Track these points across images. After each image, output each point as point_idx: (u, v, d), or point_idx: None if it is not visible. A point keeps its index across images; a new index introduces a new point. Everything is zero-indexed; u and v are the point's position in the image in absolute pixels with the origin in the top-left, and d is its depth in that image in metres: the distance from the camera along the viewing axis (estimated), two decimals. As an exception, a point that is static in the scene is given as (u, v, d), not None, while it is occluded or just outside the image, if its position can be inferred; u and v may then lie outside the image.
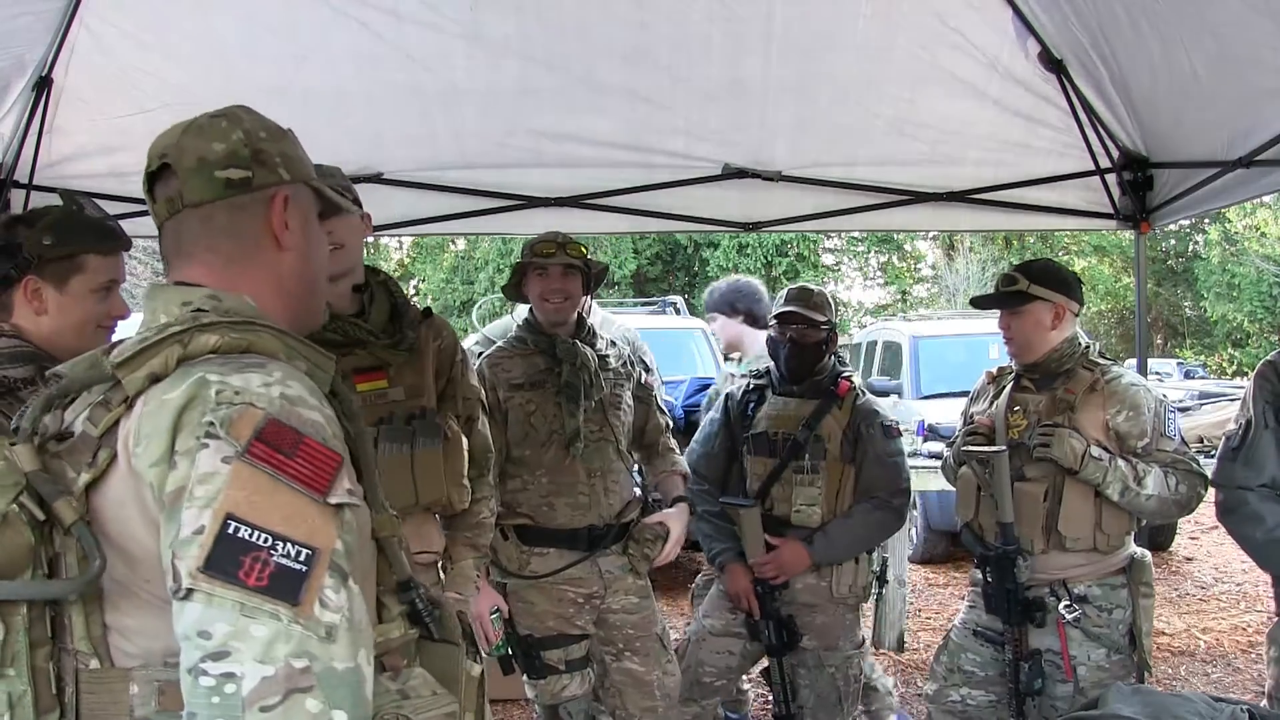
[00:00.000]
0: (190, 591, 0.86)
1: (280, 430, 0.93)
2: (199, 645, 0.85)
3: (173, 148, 1.11)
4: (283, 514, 0.90)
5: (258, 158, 1.12)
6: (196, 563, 0.86)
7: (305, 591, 0.87)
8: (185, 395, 0.94)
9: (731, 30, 3.23)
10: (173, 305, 1.07)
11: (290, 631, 0.86)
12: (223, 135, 1.11)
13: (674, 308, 8.38)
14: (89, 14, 2.99)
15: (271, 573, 0.87)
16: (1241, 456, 2.41)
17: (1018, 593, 2.63)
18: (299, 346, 1.07)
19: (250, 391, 0.94)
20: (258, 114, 1.17)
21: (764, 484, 2.91)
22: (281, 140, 1.16)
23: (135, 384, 0.97)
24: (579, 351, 2.72)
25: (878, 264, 26.23)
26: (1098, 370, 2.65)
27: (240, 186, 1.10)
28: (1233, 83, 2.77)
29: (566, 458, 2.69)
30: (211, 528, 0.87)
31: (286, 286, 1.15)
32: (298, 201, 1.15)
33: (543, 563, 2.71)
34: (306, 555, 0.89)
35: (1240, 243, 20.73)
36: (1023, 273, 2.70)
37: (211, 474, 0.90)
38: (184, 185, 1.10)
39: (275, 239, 1.13)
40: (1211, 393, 9.23)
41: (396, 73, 3.31)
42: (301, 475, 0.92)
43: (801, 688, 2.92)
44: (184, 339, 0.99)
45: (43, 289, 1.81)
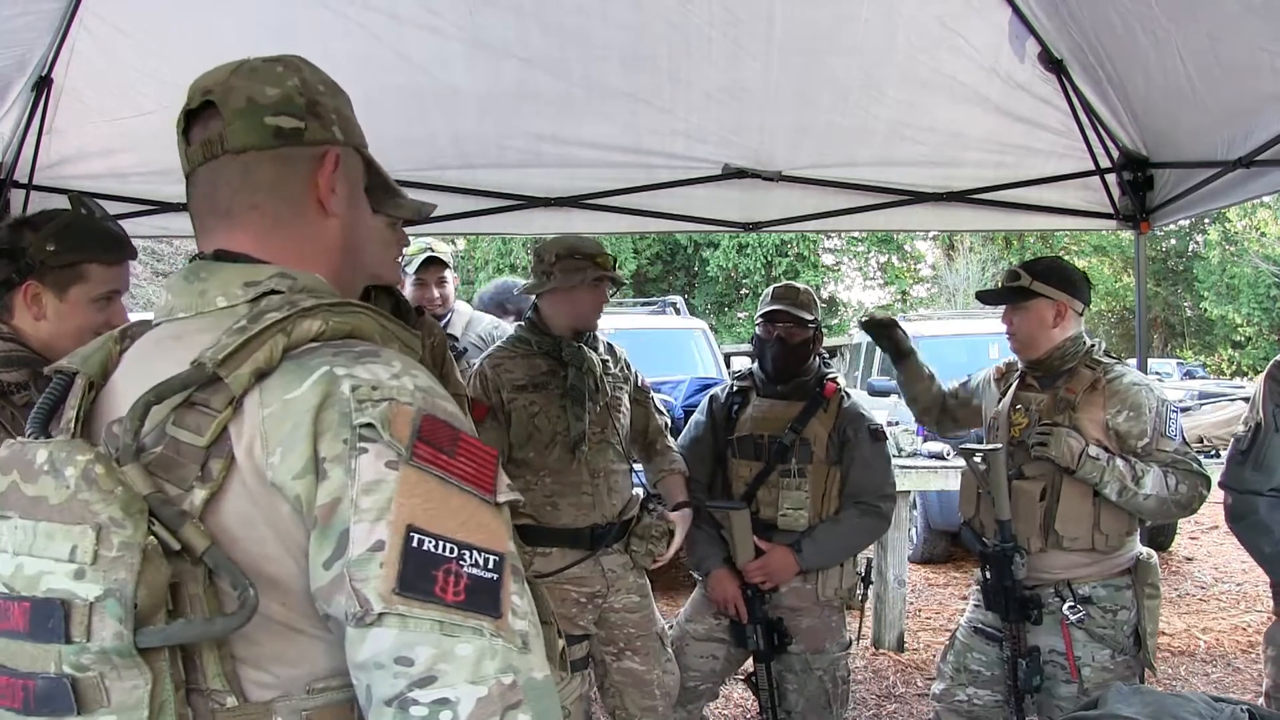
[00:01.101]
0: (382, 615, 0.78)
1: (437, 427, 0.85)
2: (400, 673, 0.78)
3: (219, 85, 0.99)
4: (459, 520, 0.83)
5: (313, 109, 1.00)
6: (389, 584, 0.78)
7: (502, 602, 0.82)
8: (318, 393, 0.84)
9: (731, 33, 3.23)
10: (232, 286, 0.95)
11: (494, 646, 0.79)
12: (277, 80, 1.00)
13: (674, 308, 8.38)
14: (89, 14, 2.99)
15: (467, 585, 0.80)
16: (1251, 460, 2.39)
17: (1015, 590, 2.63)
18: (390, 326, 0.96)
19: (385, 385, 0.85)
20: (316, 67, 1.06)
21: (750, 487, 2.89)
22: (339, 97, 1.05)
23: (242, 382, 0.84)
24: (585, 356, 2.73)
25: (878, 264, 26.24)
26: (1100, 369, 2.65)
27: (291, 137, 0.99)
28: (1228, 87, 2.77)
29: (571, 459, 2.69)
30: (394, 542, 0.79)
31: (333, 255, 1.03)
32: (348, 167, 1.04)
33: (545, 562, 2.71)
34: (495, 562, 0.83)
35: (1240, 243, 20.74)
36: (1027, 270, 2.70)
37: (378, 482, 0.81)
38: (228, 127, 0.97)
39: (320, 203, 1.01)
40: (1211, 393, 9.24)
41: (396, 75, 3.31)
42: (468, 475, 0.85)
43: (789, 691, 2.91)
44: (286, 327, 0.87)
45: (42, 295, 1.80)
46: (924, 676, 4.56)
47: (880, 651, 4.90)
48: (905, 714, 4.21)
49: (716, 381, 5.99)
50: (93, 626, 0.80)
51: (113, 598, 0.80)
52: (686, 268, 24.13)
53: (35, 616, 0.82)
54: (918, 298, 25.61)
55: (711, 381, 5.93)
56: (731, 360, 8.12)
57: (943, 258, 24.86)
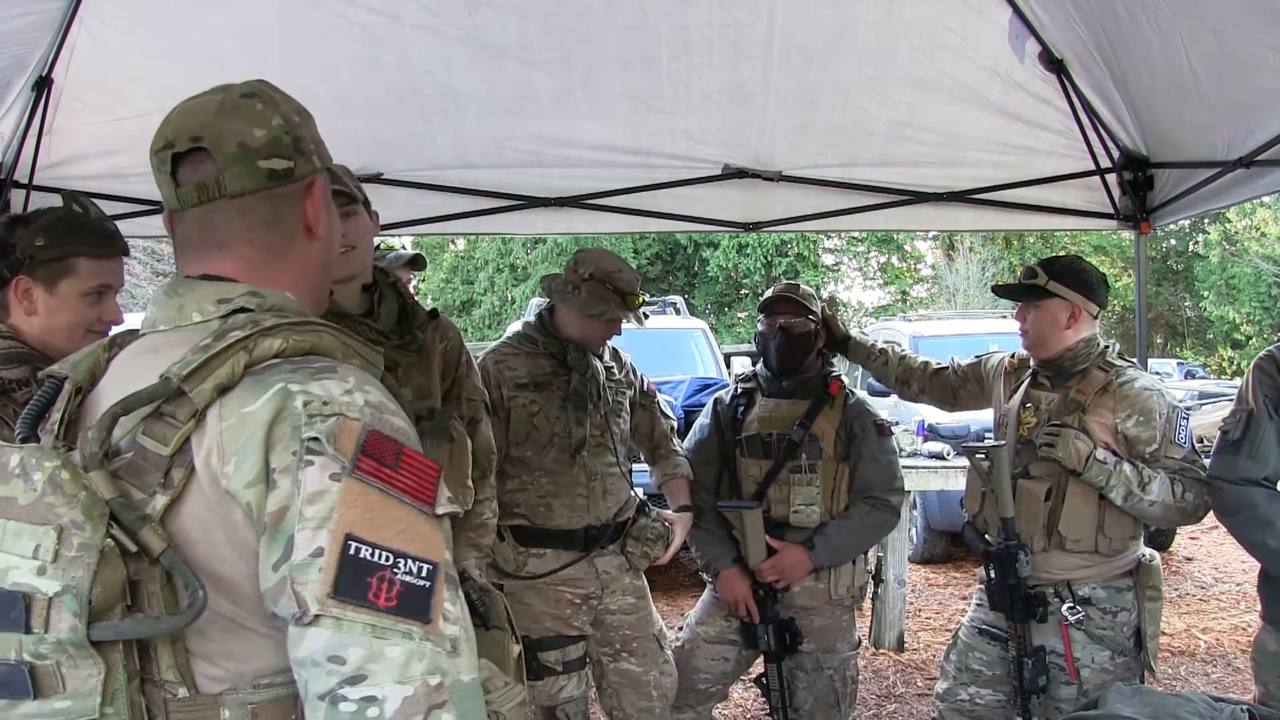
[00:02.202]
0: (318, 617, 0.84)
1: (381, 442, 0.91)
2: (332, 671, 0.83)
3: (208, 129, 1.02)
4: (397, 529, 0.88)
5: (298, 146, 1.06)
6: (324, 587, 0.84)
7: (433, 608, 0.87)
8: (270, 408, 0.90)
9: (732, 34, 3.24)
10: (206, 303, 1.01)
11: (422, 649, 0.85)
12: (262, 119, 1.04)
13: (674, 308, 8.38)
14: (89, 15, 2.99)
15: (399, 591, 0.86)
16: (1245, 449, 2.36)
17: (1020, 589, 2.61)
18: (352, 343, 1.02)
19: (336, 401, 0.91)
20: (279, 90, 1.10)
21: (761, 486, 2.89)
22: (310, 123, 1.11)
23: (204, 396, 0.91)
24: (590, 363, 2.74)
25: (878, 264, 26.21)
26: (1112, 372, 2.62)
27: (283, 178, 1.04)
28: (1233, 83, 2.77)
29: (570, 464, 2.70)
30: (332, 549, 0.85)
31: (314, 277, 1.11)
32: (323, 188, 1.10)
33: (540, 563, 2.71)
34: (428, 570, 0.88)
35: (1240, 243, 20.74)
36: (1044, 268, 2.67)
37: (321, 492, 0.87)
38: (223, 173, 1.02)
39: (309, 228, 1.08)
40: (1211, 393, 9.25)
41: (396, 77, 3.32)
42: (408, 488, 0.90)
43: (799, 690, 2.91)
44: (249, 345, 0.94)
45: (33, 289, 1.80)
46: (924, 676, 4.56)
47: (880, 651, 4.90)
48: (905, 714, 4.21)
49: (716, 381, 6.00)
50: (50, 619, 0.87)
51: (70, 594, 0.86)
52: (686, 268, 24.13)
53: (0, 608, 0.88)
54: (918, 298, 25.58)
55: (711, 381, 5.93)
56: (732, 360, 8.12)
57: (943, 258, 24.84)
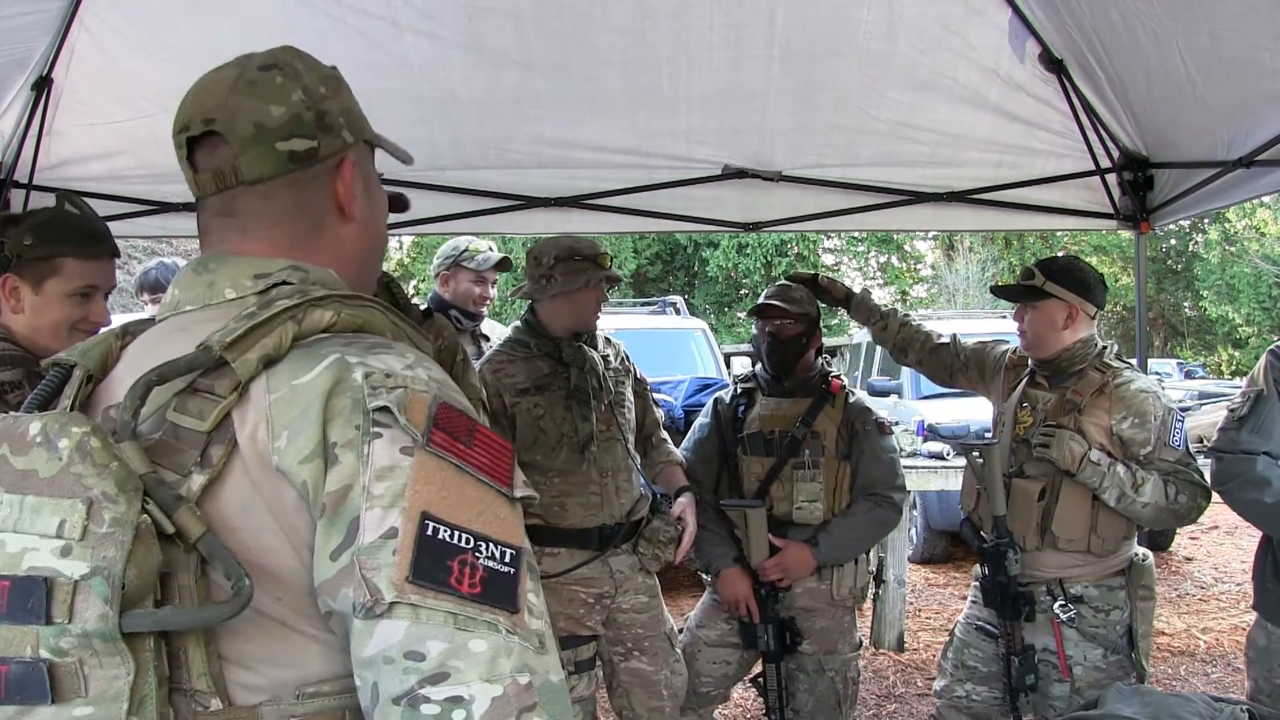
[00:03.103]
0: (393, 605, 0.74)
1: (453, 416, 0.82)
2: (410, 669, 0.73)
3: (221, 110, 0.93)
4: (475, 510, 0.79)
5: (322, 122, 0.96)
6: (402, 571, 0.74)
7: (520, 597, 0.78)
8: (328, 379, 0.81)
9: (731, 35, 3.23)
10: (242, 278, 0.92)
11: (509, 644, 0.75)
12: (280, 95, 0.94)
13: (674, 308, 8.39)
14: (89, 15, 3.00)
15: (484, 577, 0.77)
16: (1249, 424, 2.39)
17: (1010, 586, 2.62)
18: (403, 325, 0.93)
19: (399, 374, 0.82)
20: (307, 57, 1.00)
21: (763, 483, 2.89)
22: (340, 92, 1.00)
23: (249, 368, 0.81)
24: (586, 355, 2.72)
25: (878, 264, 26.22)
26: (1109, 373, 2.63)
27: (306, 159, 0.95)
28: (1230, 86, 2.77)
29: (579, 460, 2.68)
30: (408, 529, 0.75)
31: (354, 259, 1.01)
32: (361, 164, 1.01)
33: (554, 563, 2.70)
34: (512, 556, 0.79)
35: (1240, 243, 20.74)
36: (1041, 269, 2.68)
37: (391, 468, 0.78)
38: (239, 158, 0.93)
39: (341, 210, 0.99)
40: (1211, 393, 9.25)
41: (395, 81, 3.31)
42: (485, 466, 0.82)
43: (800, 691, 2.90)
44: (297, 315, 0.84)
45: (20, 288, 1.80)
46: (924, 676, 4.56)
47: (880, 651, 4.90)
48: (905, 714, 4.21)
49: (716, 381, 5.99)
50: (75, 606, 0.76)
51: (100, 576, 0.75)
52: (686, 268, 24.13)
53: (14, 596, 0.77)
54: (918, 298, 25.60)
55: (711, 381, 5.93)
56: (732, 360, 8.12)
57: (942, 258, 24.86)
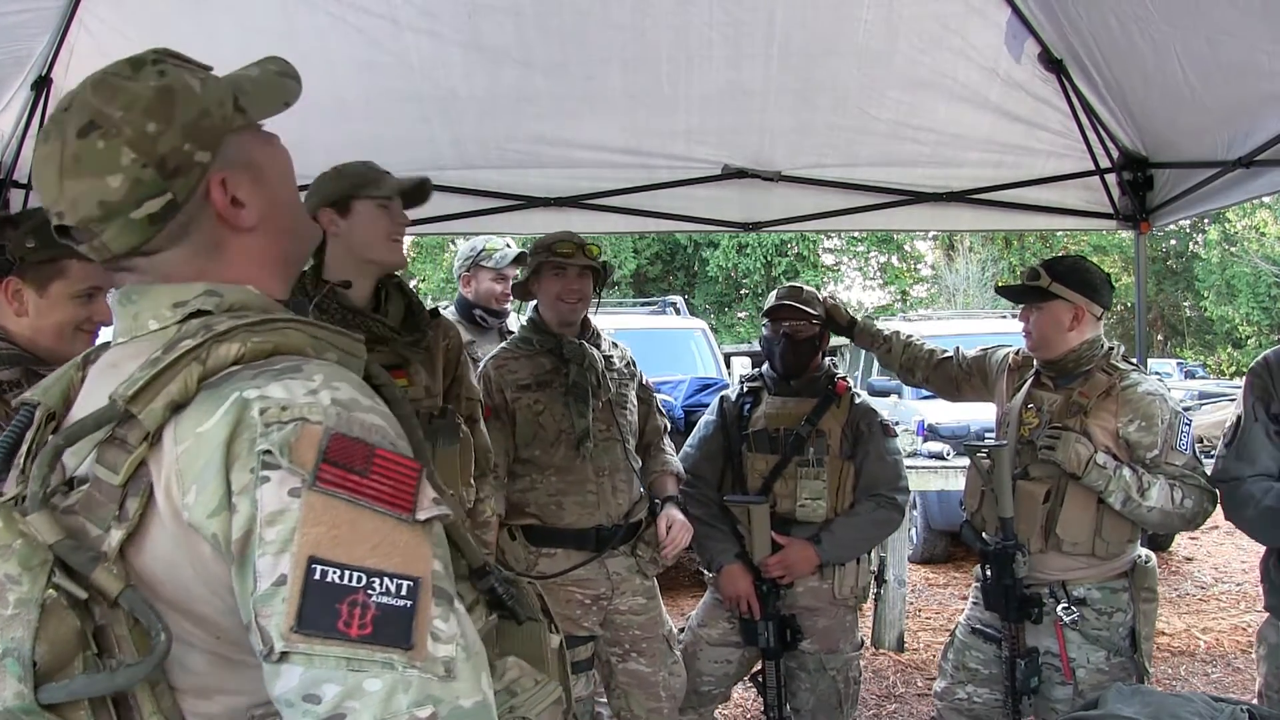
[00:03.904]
0: (286, 654, 0.75)
1: (347, 445, 0.80)
2: (308, 711, 0.75)
3: (61, 201, 0.90)
4: (371, 544, 0.78)
5: (164, 167, 0.89)
6: (288, 621, 0.74)
7: (416, 630, 0.77)
8: (228, 423, 0.80)
9: (731, 35, 3.23)
10: (162, 307, 0.92)
11: (407, 678, 0.75)
12: (110, 163, 0.88)
13: (674, 308, 8.38)
14: (88, 15, 2.99)
15: (375, 616, 0.76)
16: (1233, 450, 2.39)
17: (1015, 589, 2.61)
18: (326, 335, 0.92)
19: (297, 404, 0.81)
20: (124, 85, 0.90)
21: (767, 480, 2.89)
22: (174, 112, 0.90)
23: (155, 417, 0.81)
24: (586, 352, 2.73)
25: (878, 264, 26.22)
26: (1116, 375, 2.61)
27: (167, 214, 0.91)
28: (1228, 89, 2.77)
29: (576, 457, 2.69)
30: (295, 576, 0.75)
31: (271, 255, 0.99)
32: (232, 166, 0.95)
33: (550, 563, 2.71)
34: (409, 588, 0.78)
35: (1240, 243, 20.74)
36: (1047, 269, 2.66)
37: (280, 512, 0.77)
38: (102, 241, 0.91)
39: (234, 228, 0.96)
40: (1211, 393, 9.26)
41: (395, 80, 3.31)
42: (383, 495, 0.80)
43: (801, 690, 2.90)
44: (200, 355, 0.84)
45: (23, 291, 1.80)
46: (924, 676, 4.56)
47: (880, 651, 4.89)
48: (905, 714, 4.21)
49: (716, 381, 5.99)
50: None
51: (11, 656, 0.78)
52: (686, 268, 24.12)
53: None
54: (918, 298, 25.59)
55: (711, 381, 5.93)
56: (731, 360, 8.12)
57: (942, 258, 24.85)
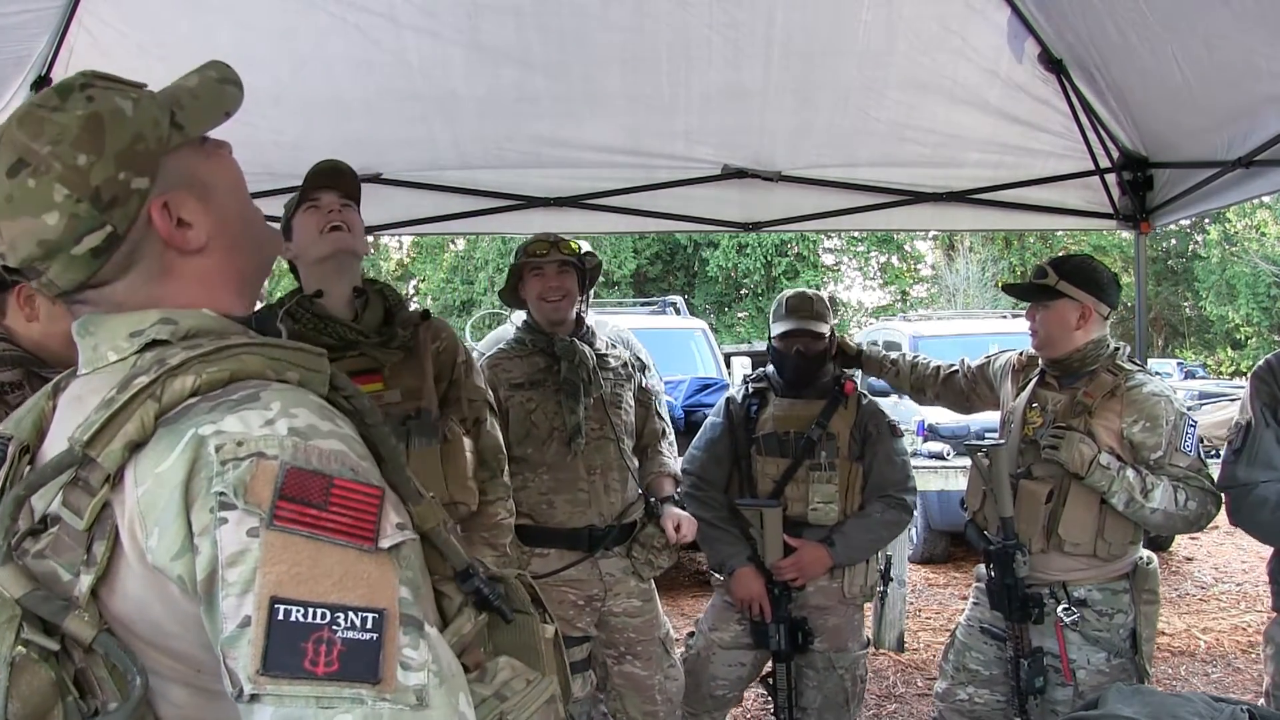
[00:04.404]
0: (255, 696, 0.74)
1: (303, 479, 0.80)
2: None
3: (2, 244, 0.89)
4: (333, 579, 0.77)
5: (100, 202, 0.88)
6: (254, 664, 0.74)
7: (384, 663, 0.76)
8: (184, 463, 0.79)
9: (732, 36, 3.23)
10: (118, 338, 0.91)
11: (378, 711, 0.74)
12: (43, 201, 0.87)
13: (674, 308, 8.38)
14: (88, 15, 2.99)
15: (341, 652, 0.75)
16: (1244, 457, 2.37)
17: (1017, 588, 2.61)
18: (285, 354, 0.91)
19: (253, 437, 0.80)
20: (50, 116, 0.88)
21: (778, 484, 2.87)
22: (105, 140, 0.88)
23: (114, 459, 0.81)
24: (577, 349, 2.74)
25: (878, 264, 26.23)
26: (1121, 375, 2.61)
27: (109, 246, 0.89)
28: (1227, 90, 2.78)
29: (568, 454, 2.70)
30: (258, 618, 0.75)
31: (224, 273, 0.98)
32: (174, 186, 0.93)
33: (542, 563, 2.71)
34: (374, 620, 0.77)
35: (1240, 243, 20.74)
36: (1055, 267, 2.65)
37: (240, 553, 0.76)
38: (48, 278, 0.90)
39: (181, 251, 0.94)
40: (1211, 393, 9.25)
41: (395, 79, 3.31)
42: (342, 527, 0.79)
43: (808, 689, 2.89)
44: (155, 391, 0.83)
45: (35, 297, 1.81)
46: (924, 676, 4.56)
47: (880, 651, 4.89)
48: (905, 714, 4.21)
49: (716, 381, 5.99)
50: None
51: None
52: (686, 268, 24.12)
53: None
54: (918, 298, 25.60)
55: (712, 381, 5.93)
56: (731, 360, 8.12)
57: (943, 258, 24.85)
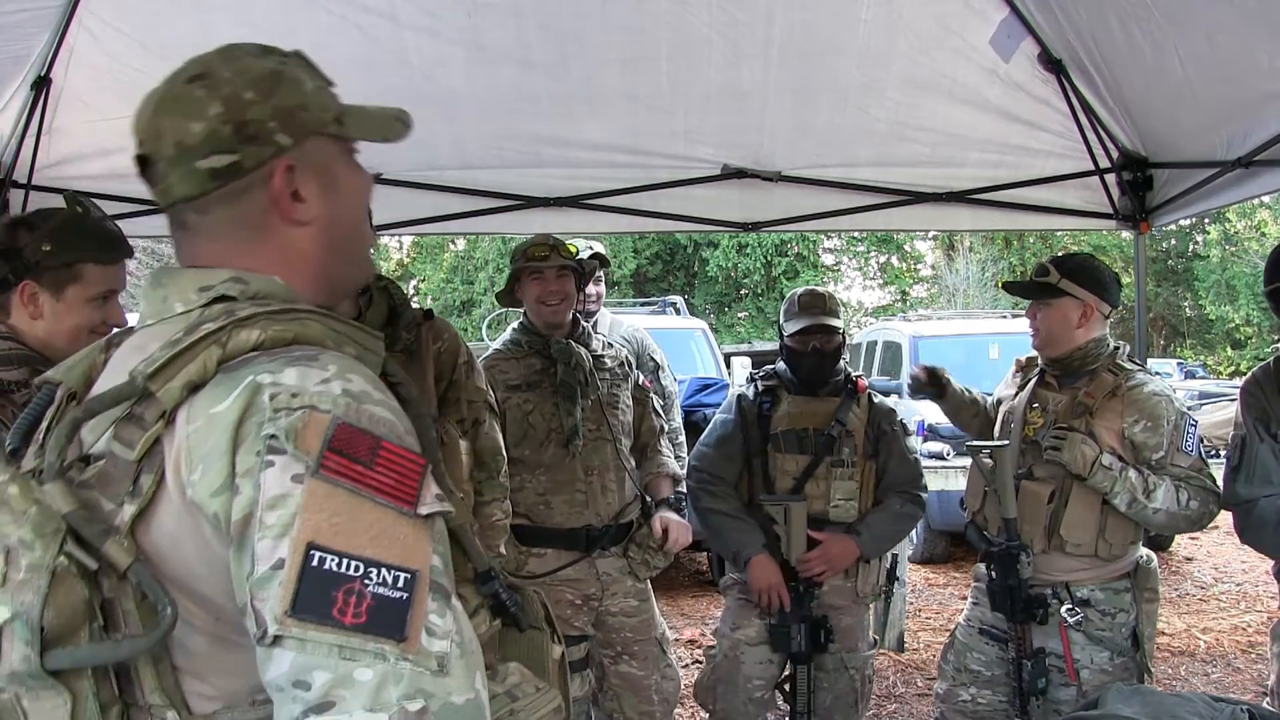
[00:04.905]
0: (279, 638, 0.75)
1: (353, 435, 0.81)
2: (297, 698, 0.75)
3: (149, 131, 0.95)
4: (370, 535, 0.78)
5: (243, 133, 0.93)
6: (282, 605, 0.75)
7: (410, 622, 0.77)
8: (238, 407, 0.81)
9: (731, 35, 3.23)
10: (188, 291, 0.93)
11: (399, 670, 0.75)
12: (199, 109, 0.93)
13: (674, 308, 8.38)
14: (87, 14, 2.99)
15: (370, 606, 0.76)
16: (1243, 474, 2.37)
17: (1020, 589, 2.60)
18: (345, 330, 0.93)
19: (308, 391, 0.82)
20: (246, 58, 0.97)
21: (798, 481, 2.84)
22: (276, 92, 0.95)
23: (172, 396, 0.83)
24: (573, 351, 2.74)
25: (878, 264, 26.22)
26: (1122, 375, 2.60)
27: (229, 174, 0.93)
28: (1227, 88, 2.77)
29: (565, 456, 2.70)
30: (293, 561, 0.76)
31: (311, 261, 1.00)
32: (308, 163, 0.98)
33: (540, 563, 2.71)
34: (405, 580, 0.78)
35: (1240, 243, 20.74)
36: (1057, 266, 2.65)
37: (282, 496, 0.77)
38: (167, 178, 0.94)
39: (285, 218, 0.97)
40: (1211, 393, 9.25)
41: (395, 78, 3.31)
42: (385, 487, 0.81)
43: (819, 690, 2.85)
44: (221, 338, 0.85)
45: (39, 294, 1.80)
46: (924, 676, 4.56)
47: (880, 651, 4.89)
48: (905, 714, 4.21)
49: (716, 381, 5.99)
50: (3, 649, 0.81)
51: (20, 620, 0.79)
52: (686, 268, 24.12)
53: None
54: (918, 298, 25.59)
55: (712, 381, 5.93)
56: (732, 360, 8.12)
57: (942, 258, 24.84)
